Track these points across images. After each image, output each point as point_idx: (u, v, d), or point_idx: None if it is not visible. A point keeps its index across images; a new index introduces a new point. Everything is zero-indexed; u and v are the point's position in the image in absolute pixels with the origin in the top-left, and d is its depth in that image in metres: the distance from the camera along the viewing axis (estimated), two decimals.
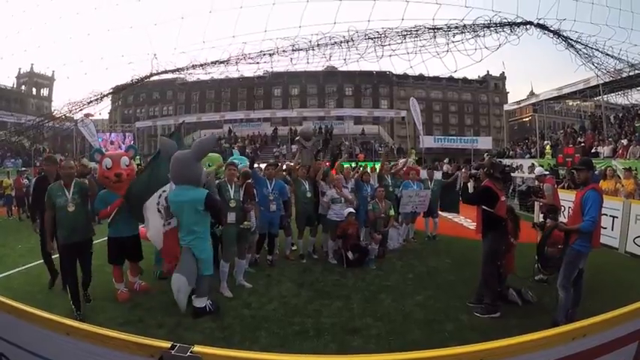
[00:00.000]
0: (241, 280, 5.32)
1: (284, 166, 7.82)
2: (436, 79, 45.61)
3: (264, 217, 5.98)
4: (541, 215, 6.74)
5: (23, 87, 43.78)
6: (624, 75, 12.13)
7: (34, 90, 44.22)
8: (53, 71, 43.07)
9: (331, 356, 3.43)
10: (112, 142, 27.93)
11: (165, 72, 9.73)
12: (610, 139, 17.66)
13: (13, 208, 12.76)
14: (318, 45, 7.76)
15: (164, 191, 4.65)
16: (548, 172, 7.45)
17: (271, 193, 6.07)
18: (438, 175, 8.80)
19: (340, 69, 25.20)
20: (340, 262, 6.26)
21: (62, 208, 4.31)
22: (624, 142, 16.31)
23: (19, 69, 43.18)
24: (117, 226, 4.79)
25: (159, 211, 4.66)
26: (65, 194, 4.34)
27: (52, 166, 5.24)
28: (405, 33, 7.50)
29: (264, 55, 8.32)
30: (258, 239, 6.21)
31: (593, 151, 17.23)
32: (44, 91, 44.95)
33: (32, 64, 42.92)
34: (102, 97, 11.51)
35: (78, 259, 4.44)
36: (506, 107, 36.07)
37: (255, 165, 6.85)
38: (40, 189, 4.89)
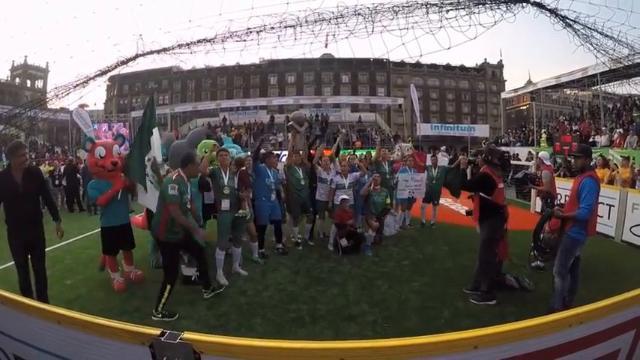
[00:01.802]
0: (237, 268, 5.32)
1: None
2: (433, 66, 45.35)
3: (266, 206, 5.96)
4: (539, 202, 6.72)
5: (17, 79, 43.01)
6: (626, 63, 12.00)
7: (28, 82, 43.46)
8: (47, 62, 42.20)
9: (326, 342, 3.43)
10: (110, 129, 27.43)
11: (152, 52, 9.55)
12: (604, 128, 17.65)
13: None
14: (306, 21, 7.58)
15: (149, 160, 4.71)
16: (548, 158, 7.39)
17: (273, 182, 6.03)
18: (442, 161, 8.71)
19: (336, 56, 25.03)
20: (337, 250, 6.27)
21: (185, 204, 3.96)
22: (620, 130, 16.30)
23: (13, 61, 42.20)
24: (109, 216, 4.74)
25: (150, 181, 4.77)
26: (189, 189, 3.98)
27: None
28: (397, 9, 7.34)
29: (251, 32, 8.13)
30: (260, 232, 6.02)
31: (590, 140, 17.21)
32: (38, 83, 44.19)
33: (26, 57, 41.89)
34: (88, 80, 11.31)
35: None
36: (503, 95, 35.83)
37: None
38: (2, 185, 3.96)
